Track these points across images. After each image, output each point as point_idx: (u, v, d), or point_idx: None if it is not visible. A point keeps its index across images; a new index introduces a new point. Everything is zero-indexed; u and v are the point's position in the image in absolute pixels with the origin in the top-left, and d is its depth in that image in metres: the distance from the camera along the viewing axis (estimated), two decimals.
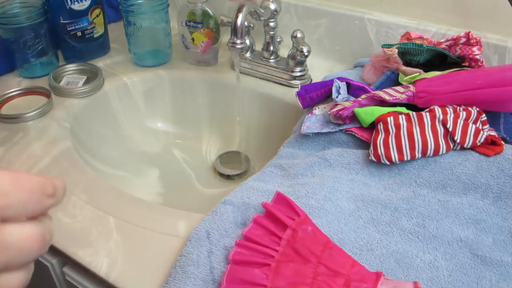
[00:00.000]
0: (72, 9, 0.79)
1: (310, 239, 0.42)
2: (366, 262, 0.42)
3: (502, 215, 0.45)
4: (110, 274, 0.46)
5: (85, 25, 0.82)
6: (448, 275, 0.41)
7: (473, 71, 0.58)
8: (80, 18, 0.81)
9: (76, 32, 0.82)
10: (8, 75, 0.81)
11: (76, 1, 0.79)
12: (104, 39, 0.87)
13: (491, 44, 0.68)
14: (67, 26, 0.81)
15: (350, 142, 0.55)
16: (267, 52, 0.79)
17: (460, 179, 0.48)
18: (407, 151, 0.50)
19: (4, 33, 0.76)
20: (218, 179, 0.79)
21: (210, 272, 0.42)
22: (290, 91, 0.77)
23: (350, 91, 0.61)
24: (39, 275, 0.61)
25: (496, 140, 0.50)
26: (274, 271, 0.40)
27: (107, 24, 0.87)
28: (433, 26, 0.72)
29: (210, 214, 0.48)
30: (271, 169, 0.55)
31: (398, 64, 0.65)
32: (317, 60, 0.82)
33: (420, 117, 0.51)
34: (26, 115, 0.69)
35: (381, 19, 0.75)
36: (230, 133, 0.84)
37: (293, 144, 0.59)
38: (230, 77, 0.81)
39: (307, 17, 0.82)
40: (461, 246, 0.43)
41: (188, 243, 0.45)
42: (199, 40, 0.81)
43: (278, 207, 0.44)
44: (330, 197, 0.48)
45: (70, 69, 0.81)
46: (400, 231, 0.45)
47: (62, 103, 0.73)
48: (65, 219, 0.52)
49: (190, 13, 0.80)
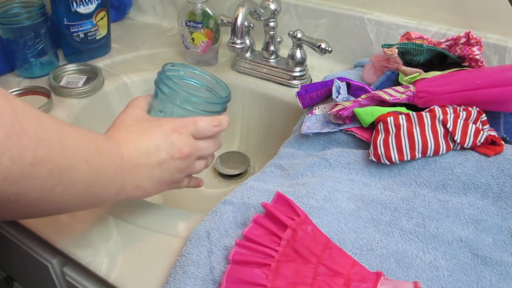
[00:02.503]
0: (78, 12, 0.79)
1: (310, 239, 0.42)
2: (366, 262, 0.42)
3: (502, 215, 0.45)
4: (110, 274, 0.46)
5: (89, 28, 0.82)
6: (448, 275, 0.41)
7: (473, 71, 0.58)
8: (84, 20, 0.81)
9: (79, 34, 0.82)
10: (8, 75, 0.81)
11: (82, 5, 0.79)
12: (106, 39, 0.87)
13: (491, 44, 0.68)
14: (70, 27, 0.81)
15: (350, 142, 0.55)
16: (267, 52, 0.79)
17: (460, 179, 0.48)
18: (407, 151, 0.50)
19: (4, 33, 0.76)
20: (218, 179, 0.79)
21: (210, 272, 0.42)
22: (290, 91, 0.77)
23: (350, 91, 0.61)
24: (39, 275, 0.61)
25: (496, 140, 0.50)
26: (274, 271, 0.40)
27: (110, 25, 0.88)
28: (433, 26, 0.72)
29: (210, 214, 0.48)
30: (271, 169, 0.55)
31: (398, 64, 0.65)
32: (317, 60, 0.82)
33: (420, 117, 0.51)
34: None
35: (381, 19, 0.75)
36: (230, 133, 0.84)
37: (293, 144, 0.59)
38: (230, 77, 0.81)
39: (307, 17, 0.82)
40: (461, 246, 0.43)
41: (188, 243, 0.45)
42: (199, 40, 0.81)
43: (278, 207, 0.44)
44: (330, 197, 0.48)
45: (70, 69, 0.81)
46: (400, 231, 0.45)
47: (62, 103, 0.73)
48: (65, 219, 0.52)
49: (190, 13, 0.80)
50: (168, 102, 0.49)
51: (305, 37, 0.74)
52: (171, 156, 0.46)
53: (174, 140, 0.46)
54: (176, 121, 0.47)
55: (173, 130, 0.46)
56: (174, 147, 0.46)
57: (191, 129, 0.47)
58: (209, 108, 0.50)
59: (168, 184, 0.48)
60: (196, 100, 0.49)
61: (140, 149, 0.44)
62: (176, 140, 0.46)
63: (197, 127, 0.47)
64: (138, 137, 0.45)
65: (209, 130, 0.48)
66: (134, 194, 0.45)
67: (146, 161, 0.44)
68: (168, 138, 0.45)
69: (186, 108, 0.49)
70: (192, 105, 0.49)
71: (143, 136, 0.45)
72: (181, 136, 0.46)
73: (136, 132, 0.45)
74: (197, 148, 0.48)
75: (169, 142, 0.45)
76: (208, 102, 0.50)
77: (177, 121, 0.47)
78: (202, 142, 0.49)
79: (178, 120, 0.47)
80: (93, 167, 0.39)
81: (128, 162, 0.43)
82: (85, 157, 0.38)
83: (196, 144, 0.48)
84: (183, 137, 0.46)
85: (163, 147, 0.45)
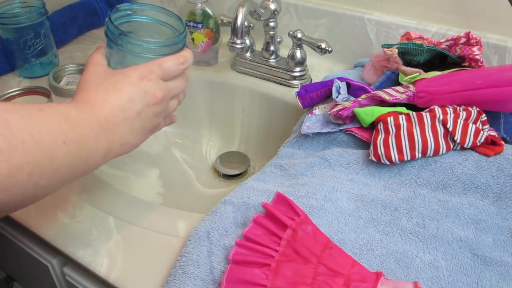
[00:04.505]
0: None
1: (310, 239, 0.42)
2: (366, 262, 0.42)
3: (502, 215, 0.45)
4: (110, 274, 0.46)
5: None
6: (448, 275, 0.41)
7: (473, 71, 0.58)
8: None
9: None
10: (8, 75, 0.81)
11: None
12: None
13: (491, 44, 0.68)
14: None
15: (350, 142, 0.55)
16: (267, 52, 0.79)
17: (460, 179, 0.48)
18: (407, 151, 0.50)
19: (4, 33, 0.76)
20: (218, 179, 0.79)
21: (210, 272, 0.42)
22: (290, 91, 0.77)
23: (350, 91, 0.61)
24: (39, 275, 0.61)
25: (496, 140, 0.50)
26: (274, 271, 0.40)
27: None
28: (433, 26, 0.72)
29: (210, 214, 0.48)
30: (271, 169, 0.55)
31: (398, 64, 0.65)
32: (317, 60, 0.82)
33: (420, 117, 0.51)
34: None
35: (381, 19, 0.75)
36: (230, 133, 0.84)
37: (293, 144, 0.59)
38: (230, 77, 0.81)
39: (307, 17, 0.82)
40: (461, 246, 0.43)
41: (188, 243, 0.45)
42: (199, 40, 0.81)
43: (278, 207, 0.44)
44: (330, 197, 0.48)
45: (70, 69, 0.81)
46: (400, 231, 0.45)
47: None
48: (65, 219, 0.52)
49: (190, 13, 0.80)
50: (126, 53, 0.48)
51: (305, 37, 0.74)
52: (146, 104, 0.45)
53: (146, 88, 0.45)
54: (141, 68, 0.46)
55: (142, 77, 0.45)
56: (147, 95, 0.45)
57: (159, 72, 0.46)
58: (169, 50, 0.49)
59: (150, 130, 0.48)
60: (154, 46, 0.48)
61: (115, 106, 0.43)
62: (147, 87, 0.45)
63: (164, 69, 0.47)
64: (109, 95, 0.44)
65: (176, 70, 0.48)
66: (121, 151, 0.45)
67: (124, 116, 0.44)
68: (139, 87, 0.45)
69: (147, 56, 0.48)
70: (152, 52, 0.48)
71: (114, 92, 0.44)
72: (150, 82, 0.45)
73: (105, 89, 0.44)
74: (169, 90, 0.48)
75: (141, 91, 0.45)
76: (166, 45, 0.49)
77: (142, 67, 0.46)
78: (172, 82, 0.49)
79: (143, 66, 0.46)
80: (72, 145, 0.38)
81: (106, 124, 0.42)
82: (62, 139, 0.37)
83: (167, 85, 0.47)
84: (153, 82, 0.46)
85: (136, 97, 0.44)
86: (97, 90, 0.44)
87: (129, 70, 0.46)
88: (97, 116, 0.42)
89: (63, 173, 0.38)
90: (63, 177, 0.38)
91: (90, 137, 0.40)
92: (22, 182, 0.33)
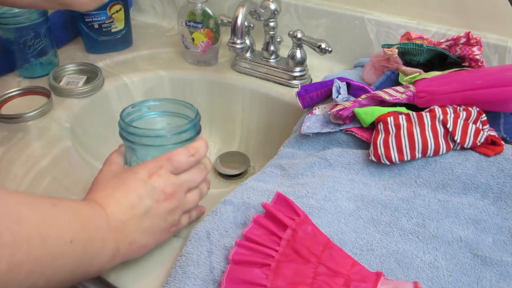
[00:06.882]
0: None
1: (310, 239, 0.42)
2: (366, 262, 0.42)
3: (502, 215, 0.45)
4: (110, 274, 0.46)
5: (103, 19, 0.84)
6: (448, 275, 0.41)
7: (473, 71, 0.58)
8: (98, 11, 0.83)
9: (94, 24, 0.85)
10: (8, 75, 0.81)
11: None
12: (124, 34, 0.89)
13: (491, 44, 0.68)
14: (85, 17, 0.84)
15: (350, 142, 0.55)
16: (267, 52, 0.79)
17: (460, 179, 0.48)
18: (407, 151, 0.50)
19: (4, 33, 0.76)
20: (218, 179, 0.79)
21: (210, 272, 0.42)
22: (290, 91, 0.77)
23: (350, 91, 0.61)
24: None
25: (496, 140, 0.50)
26: (274, 271, 0.40)
27: (130, 20, 0.90)
28: (433, 26, 0.72)
29: (210, 214, 0.48)
30: (271, 169, 0.55)
31: (398, 64, 0.65)
32: (317, 60, 0.82)
33: (420, 117, 0.51)
34: (26, 115, 0.69)
35: (381, 19, 0.75)
36: (230, 133, 0.84)
37: (293, 144, 0.59)
38: (230, 77, 0.81)
39: (307, 17, 0.82)
40: (461, 246, 0.43)
41: (188, 243, 0.45)
42: (199, 40, 0.81)
43: (278, 207, 0.44)
44: (330, 197, 0.48)
45: (70, 69, 0.81)
46: (400, 231, 0.45)
47: (62, 103, 0.73)
48: None
49: (190, 13, 0.80)
50: (138, 148, 0.47)
51: (305, 37, 0.74)
52: (155, 200, 0.43)
53: (155, 184, 0.43)
54: (150, 163, 0.44)
55: (150, 174, 0.43)
56: (156, 191, 0.43)
57: (168, 167, 0.44)
58: (180, 139, 0.47)
59: (166, 230, 0.45)
60: (164, 135, 0.46)
61: (122, 204, 0.41)
62: (156, 183, 0.43)
63: (173, 163, 0.44)
64: (116, 192, 0.42)
65: (187, 162, 0.45)
66: (130, 252, 0.42)
67: (132, 214, 0.41)
68: (147, 184, 0.42)
69: (158, 148, 0.46)
70: (162, 142, 0.46)
71: (121, 189, 0.42)
72: (160, 177, 0.43)
73: (113, 187, 0.43)
74: (181, 184, 0.45)
75: (150, 187, 0.42)
76: (176, 133, 0.46)
77: (151, 163, 0.44)
78: (185, 175, 0.45)
79: (151, 162, 0.44)
80: (79, 244, 0.36)
81: (114, 222, 0.40)
82: (70, 238, 0.36)
83: (178, 179, 0.45)
84: (163, 177, 0.43)
85: (144, 194, 0.42)
86: (106, 188, 0.43)
87: (139, 167, 0.44)
88: (105, 213, 0.40)
89: (64, 275, 0.36)
90: (62, 279, 0.36)
91: (97, 236, 0.39)
92: (18, 281, 0.32)
